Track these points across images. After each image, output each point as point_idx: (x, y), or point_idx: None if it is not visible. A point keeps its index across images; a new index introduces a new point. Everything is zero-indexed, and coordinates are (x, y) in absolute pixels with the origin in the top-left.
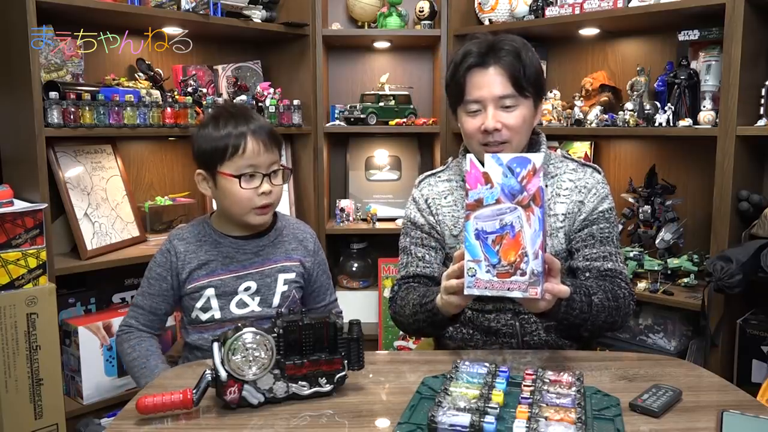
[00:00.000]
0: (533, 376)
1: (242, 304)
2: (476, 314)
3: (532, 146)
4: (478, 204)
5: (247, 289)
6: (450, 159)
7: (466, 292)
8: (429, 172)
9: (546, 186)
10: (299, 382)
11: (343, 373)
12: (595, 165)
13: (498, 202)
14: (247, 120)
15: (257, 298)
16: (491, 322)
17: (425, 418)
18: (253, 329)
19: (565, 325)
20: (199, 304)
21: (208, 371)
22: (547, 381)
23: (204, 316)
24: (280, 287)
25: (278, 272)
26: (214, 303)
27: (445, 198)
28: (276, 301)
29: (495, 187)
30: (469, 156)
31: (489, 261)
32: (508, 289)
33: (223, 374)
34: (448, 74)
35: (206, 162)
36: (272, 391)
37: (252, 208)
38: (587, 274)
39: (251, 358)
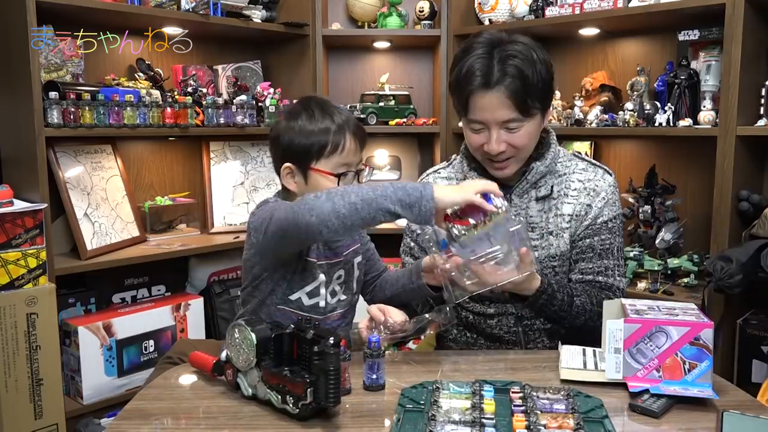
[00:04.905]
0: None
1: (333, 293)
2: (478, 319)
3: (541, 146)
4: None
5: (338, 277)
6: (453, 156)
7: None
8: (431, 169)
9: (552, 186)
10: (273, 391)
11: (309, 401)
12: (607, 167)
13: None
14: (340, 113)
15: (343, 286)
16: (493, 329)
17: None
18: (243, 323)
19: (543, 317)
20: (308, 288)
21: (225, 350)
22: (535, 385)
23: (308, 302)
24: (356, 272)
25: (352, 257)
26: (322, 291)
27: None
28: (355, 286)
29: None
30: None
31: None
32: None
33: (223, 354)
34: (451, 81)
35: (298, 156)
36: (256, 390)
37: None
38: (578, 286)
39: (239, 350)
